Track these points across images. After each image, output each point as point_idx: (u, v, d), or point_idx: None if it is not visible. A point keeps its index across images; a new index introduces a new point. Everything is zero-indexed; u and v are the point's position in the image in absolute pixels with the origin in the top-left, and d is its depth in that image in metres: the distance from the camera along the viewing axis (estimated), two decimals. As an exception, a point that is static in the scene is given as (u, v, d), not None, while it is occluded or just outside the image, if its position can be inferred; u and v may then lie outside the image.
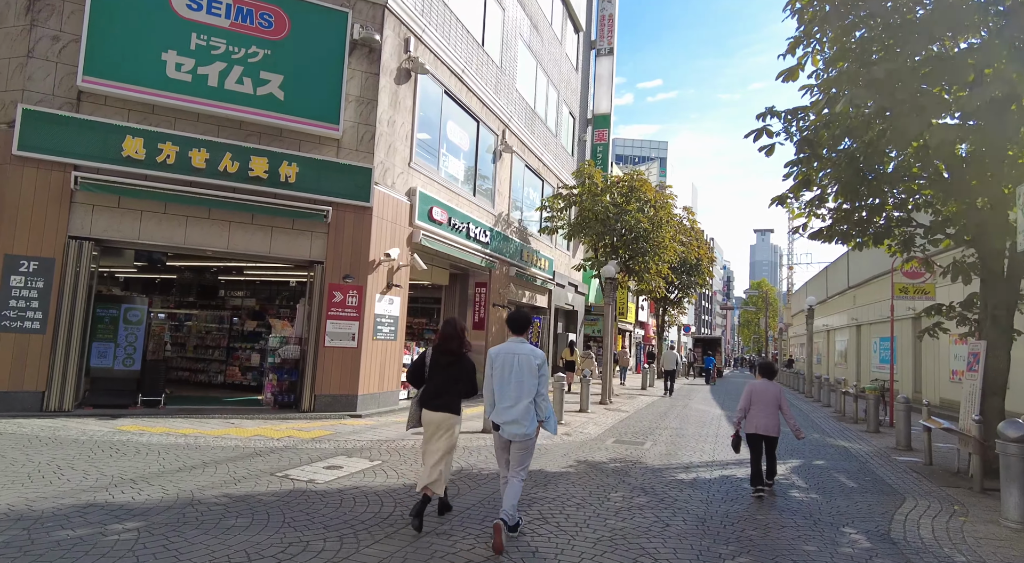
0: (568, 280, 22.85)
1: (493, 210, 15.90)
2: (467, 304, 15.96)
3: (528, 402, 4.40)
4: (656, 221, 16.79)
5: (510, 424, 4.38)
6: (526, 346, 4.60)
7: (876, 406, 12.29)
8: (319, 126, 10.28)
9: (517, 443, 4.44)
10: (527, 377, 4.42)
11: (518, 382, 4.43)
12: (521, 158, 17.94)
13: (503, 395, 4.47)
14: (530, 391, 4.41)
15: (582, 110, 24.94)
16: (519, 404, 4.39)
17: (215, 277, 15.42)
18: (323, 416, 9.87)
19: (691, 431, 11.31)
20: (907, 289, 13.59)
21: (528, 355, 4.50)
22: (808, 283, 41.88)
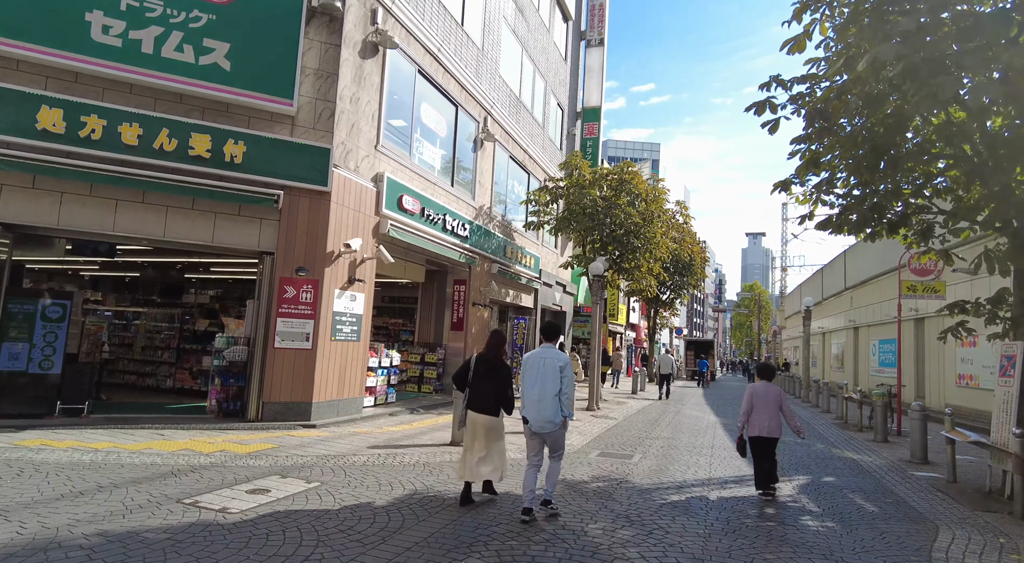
0: (556, 279, 21.82)
1: (474, 202, 14.84)
2: (445, 303, 14.89)
3: (552, 398, 5.11)
4: (647, 215, 15.79)
5: (536, 420, 5.15)
6: (553, 351, 5.33)
7: (884, 414, 11.31)
8: (271, 101, 9.19)
9: (547, 434, 5.21)
10: (551, 377, 5.15)
11: (542, 381, 5.15)
12: (505, 148, 16.90)
13: (529, 391, 5.21)
14: (553, 389, 5.12)
15: (571, 103, 23.95)
16: (543, 400, 5.12)
17: (181, 274, 14.26)
18: (271, 426, 8.76)
19: (684, 441, 10.28)
20: (915, 287, 12.65)
21: (553, 359, 5.23)
22: (803, 285, 41.07)
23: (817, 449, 10.14)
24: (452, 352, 14.54)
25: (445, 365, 14.50)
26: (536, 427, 5.16)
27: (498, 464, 5.45)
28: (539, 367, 5.22)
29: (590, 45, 24.74)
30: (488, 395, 5.40)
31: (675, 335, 58.33)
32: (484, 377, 5.46)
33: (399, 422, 10.25)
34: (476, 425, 5.39)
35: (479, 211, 15.15)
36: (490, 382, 5.42)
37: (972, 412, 15.46)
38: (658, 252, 16.29)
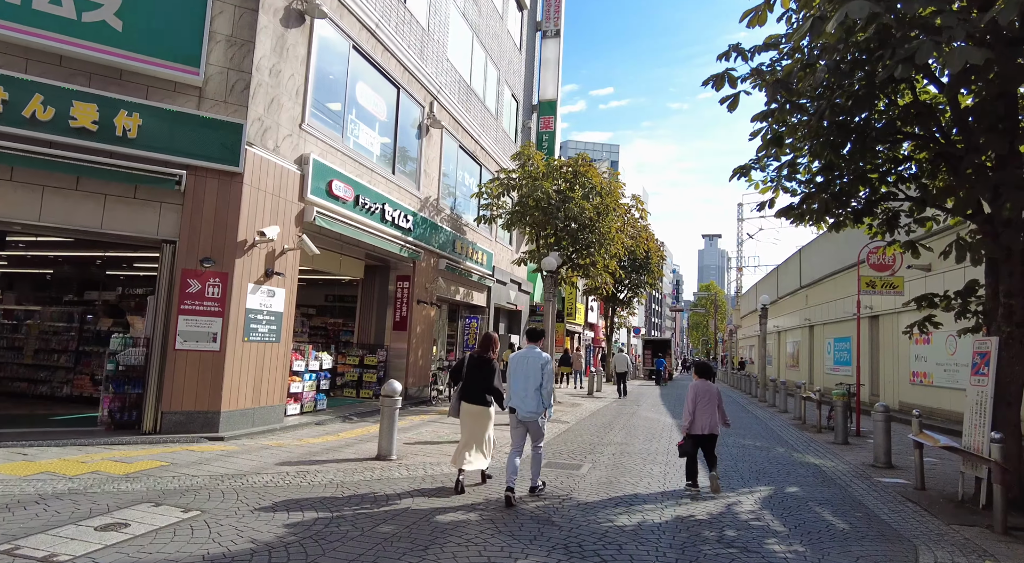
0: (511, 277, 20.99)
1: (418, 193, 13.86)
2: (387, 301, 13.84)
3: (535, 391, 5.89)
4: (602, 209, 15.11)
5: (521, 409, 5.90)
6: (536, 351, 6.11)
7: (845, 415, 10.85)
8: (173, 68, 8.04)
9: (530, 422, 5.95)
10: (533, 373, 5.92)
11: (525, 376, 5.94)
12: (454, 137, 15.96)
13: (515, 386, 5.97)
14: (535, 384, 5.90)
15: (526, 95, 23.18)
16: (527, 393, 5.90)
17: (102, 270, 12.82)
18: (169, 440, 7.61)
19: (638, 447, 9.55)
20: (875, 283, 12.28)
21: (535, 358, 6.02)
22: (758, 284, 41.40)
23: (778, 453, 9.56)
24: (395, 353, 13.52)
25: (387, 367, 13.46)
26: (522, 417, 5.95)
27: (487, 449, 6.30)
28: (524, 365, 6.00)
29: (546, 36, 24.03)
30: (478, 388, 6.14)
31: (633, 334, 58.36)
32: (475, 373, 6.18)
33: (325, 432, 9.20)
34: (468, 413, 6.19)
35: (424, 203, 14.17)
36: (480, 377, 6.13)
37: (926, 410, 15.29)
38: (613, 248, 15.63)
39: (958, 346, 13.82)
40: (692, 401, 6.64)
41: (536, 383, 5.90)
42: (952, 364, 14.02)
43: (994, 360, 6.17)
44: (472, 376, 6.17)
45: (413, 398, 13.51)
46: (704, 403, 6.64)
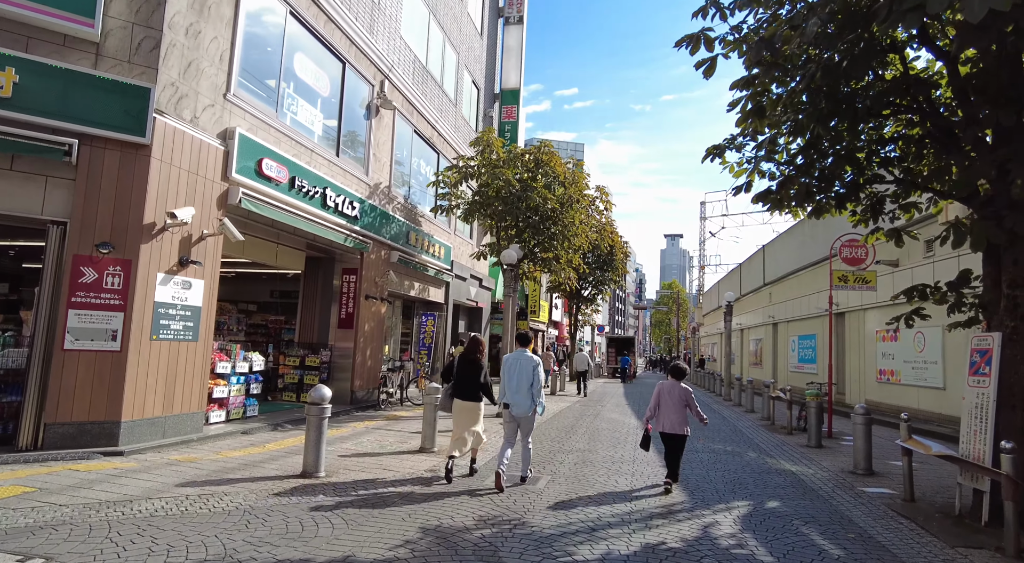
0: (471, 272, 20.03)
1: (367, 179, 12.78)
2: (332, 296, 12.73)
3: (527, 390, 6.57)
4: (565, 200, 14.31)
5: (515, 405, 6.58)
6: (526, 354, 6.82)
7: (819, 417, 10.27)
8: (60, 17, 6.82)
9: (522, 418, 6.65)
10: (525, 374, 6.60)
11: (519, 377, 6.61)
12: (408, 121, 14.91)
13: (509, 385, 6.64)
14: (528, 383, 6.58)
15: (488, 83, 22.23)
16: (520, 391, 6.58)
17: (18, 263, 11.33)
18: (52, 457, 6.42)
19: (602, 454, 8.75)
20: (847, 277, 11.77)
21: (527, 360, 6.70)
22: (721, 282, 41.43)
23: (750, 459, 8.88)
24: (340, 353, 12.42)
25: (331, 369, 12.36)
26: (515, 413, 6.57)
27: (475, 440, 6.90)
28: (517, 366, 6.62)
29: (509, 23, 23.12)
30: (468, 386, 6.80)
31: (598, 332, 58.11)
32: (465, 372, 6.85)
33: (250, 443, 8.10)
34: (461, 408, 6.81)
35: (374, 189, 13.10)
36: (470, 376, 6.82)
37: (892, 408, 14.98)
38: (577, 241, 14.85)
39: (927, 343, 13.50)
40: (656, 398, 6.86)
41: (528, 382, 6.54)
42: (920, 361, 13.69)
43: (996, 358, 5.54)
44: (463, 375, 6.84)
45: (361, 402, 12.44)
46: (669, 402, 6.76)
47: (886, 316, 15.28)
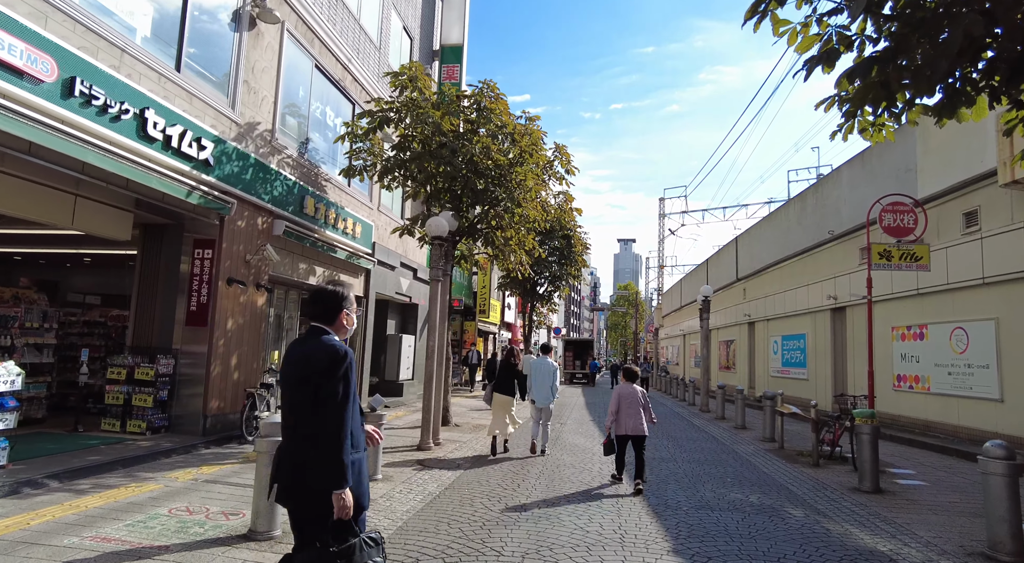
0: (402, 260, 16.36)
1: (232, 113, 9.02)
2: (177, 279, 8.89)
3: (548, 387, 8.79)
4: (515, 156, 10.89)
5: (540, 399, 8.80)
6: (547, 360, 9.09)
7: (874, 449, 7.09)
8: None
9: (543, 408, 8.84)
10: (547, 376, 8.88)
11: (542, 378, 8.86)
12: (307, 51, 11.20)
13: (535, 383, 8.87)
14: (549, 383, 8.83)
15: (425, 36, 18.64)
16: (543, 388, 8.79)
17: None
18: None
19: (566, 521, 5.31)
20: (890, 253, 8.75)
21: (549, 365, 8.99)
22: (684, 280, 38.95)
23: (798, 524, 5.60)
24: (189, 360, 8.62)
25: (175, 382, 8.54)
26: (539, 404, 8.82)
27: (509, 426, 8.76)
28: (541, 369, 8.89)
29: (451, -32, 19.58)
30: (507, 384, 8.82)
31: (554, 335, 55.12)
32: (505, 374, 8.92)
33: (-99, 539, 4.28)
34: (498, 401, 8.72)
35: (246, 131, 9.34)
36: (508, 376, 8.87)
37: (915, 423, 12.14)
38: (530, 209, 11.42)
39: (971, 341, 10.66)
40: (616, 402, 6.89)
41: (550, 382, 8.82)
42: (962, 365, 10.85)
43: None
44: (503, 375, 8.89)
45: (217, 432, 8.64)
46: (628, 405, 6.87)
47: (905, 310, 12.47)
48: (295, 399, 2.56)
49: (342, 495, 2.39)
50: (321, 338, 2.57)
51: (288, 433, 2.58)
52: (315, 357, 2.51)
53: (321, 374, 2.46)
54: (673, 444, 10.58)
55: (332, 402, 2.44)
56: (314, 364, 2.49)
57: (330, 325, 2.65)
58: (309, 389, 2.48)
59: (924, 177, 11.91)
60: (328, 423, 2.43)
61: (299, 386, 2.53)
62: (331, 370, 2.46)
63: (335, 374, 2.46)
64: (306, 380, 2.50)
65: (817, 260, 16.97)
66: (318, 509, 2.45)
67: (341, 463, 2.40)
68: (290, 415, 2.57)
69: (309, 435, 2.46)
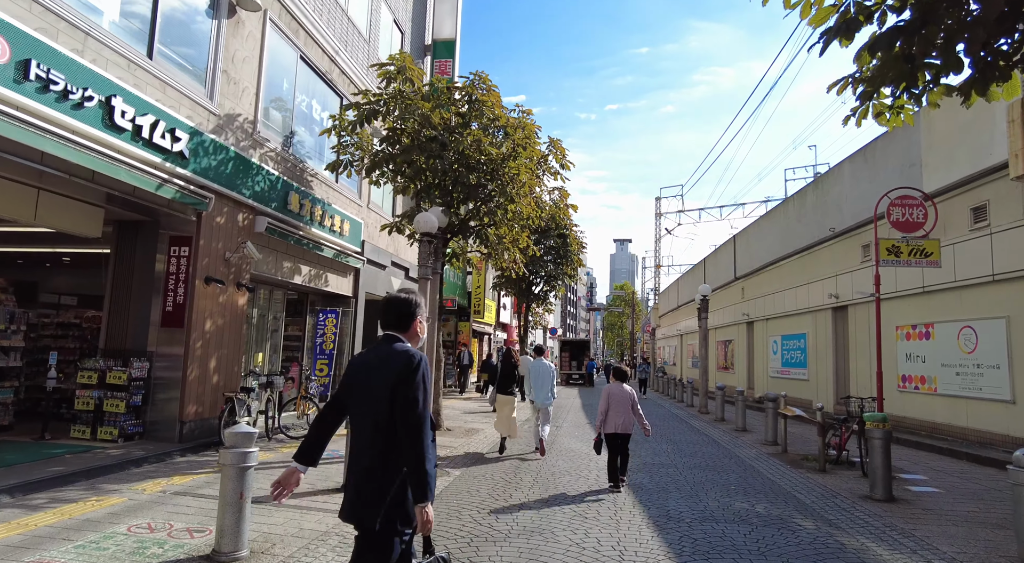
0: (393, 259, 15.95)
1: (211, 105, 8.60)
2: (152, 278, 8.46)
3: (548, 389, 9.04)
4: (509, 150, 10.50)
5: (539, 399, 9.02)
6: (546, 363, 9.23)
7: (886, 455, 6.72)
8: None
9: (544, 408, 8.99)
10: (546, 378, 9.11)
11: (542, 379, 9.09)
12: (292, 43, 10.78)
13: (535, 384, 9.10)
14: (548, 384, 9.07)
15: (417, 30, 18.24)
16: (543, 390, 9.02)
17: None
18: None
19: (561, 541, 4.92)
20: (899, 249, 8.38)
21: (547, 367, 9.20)
22: (680, 279, 38.64)
23: (809, 537, 5.22)
24: (165, 363, 8.19)
25: (150, 387, 8.12)
26: (539, 405, 9.00)
27: (514, 424, 9.12)
28: (540, 371, 9.11)
29: (443, -40, 19.17)
30: (507, 384, 9.24)
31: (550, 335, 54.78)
32: (506, 375, 9.36)
33: None
34: (502, 400, 9.12)
35: (226, 123, 8.92)
36: (508, 377, 9.34)
37: (921, 425, 11.79)
38: (524, 205, 11.03)
39: (979, 340, 10.30)
40: (605, 401, 7.04)
41: (549, 384, 9.08)
42: (971, 365, 10.49)
43: None
44: (504, 376, 9.36)
45: (195, 438, 8.22)
46: (617, 404, 7.00)
47: (910, 308, 12.12)
48: (372, 409, 2.43)
49: (425, 508, 2.29)
50: (394, 345, 2.49)
51: (361, 445, 2.46)
52: (393, 364, 2.42)
53: (403, 381, 2.37)
54: (673, 448, 10.20)
55: (414, 410, 2.35)
56: (394, 371, 2.39)
57: (404, 333, 2.58)
58: (387, 397, 2.39)
59: (929, 172, 11.56)
60: (410, 432, 2.33)
61: (376, 395, 2.42)
62: (411, 377, 2.38)
63: (415, 381, 2.38)
64: (385, 388, 2.39)
65: (818, 258, 16.62)
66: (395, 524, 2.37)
67: (426, 473, 2.30)
68: (365, 425, 2.46)
69: (388, 447, 2.39)
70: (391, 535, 2.34)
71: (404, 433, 2.33)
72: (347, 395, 2.55)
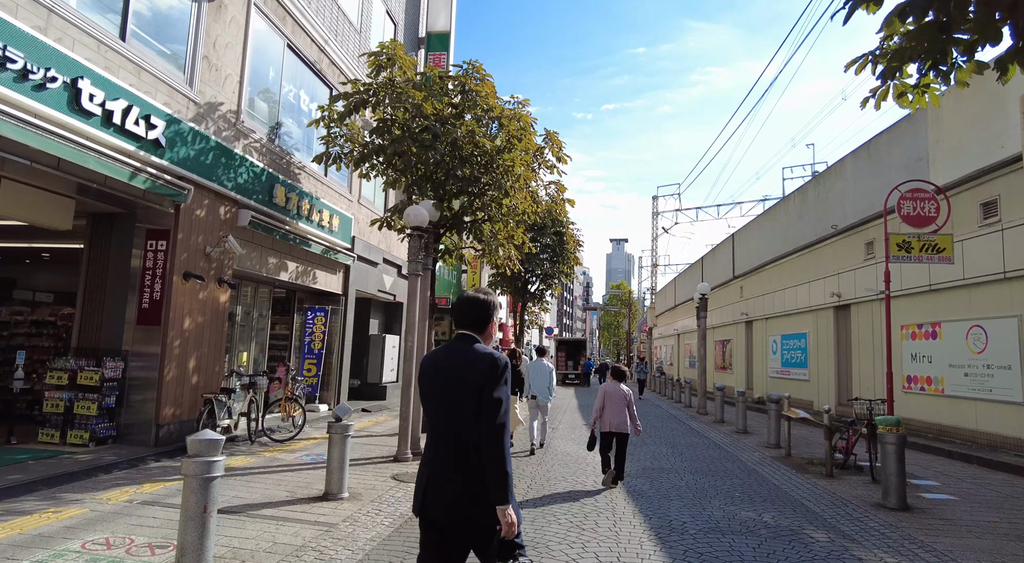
0: (384, 255, 15.55)
1: (190, 91, 8.18)
2: (128, 274, 8.04)
3: (547, 386, 9.56)
4: (503, 142, 10.11)
5: (539, 397, 9.52)
6: (544, 362, 9.80)
7: (900, 460, 6.36)
8: None
9: (543, 405, 9.59)
10: (546, 376, 9.62)
11: (541, 377, 9.60)
12: (278, 30, 10.37)
13: (534, 383, 9.61)
14: (547, 382, 9.60)
15: (410, 23, 17.83)
16: (542, 387, 9.53)
17: None
18: None
19: (556, 557, 4.55)
20: (910, 244, 8.03)
21: (546, 366, 9.71)
22: (678, 278, 38.35)
23: (823, 551, 4.85)
24: (140, 363, 7.78)
25: (125, 388, 7.70)
26: (539, 402, 9.52)
27: (517, 417, 9.00)
28: (540, 370, 9.64)
29: (437, -49, 18.77)
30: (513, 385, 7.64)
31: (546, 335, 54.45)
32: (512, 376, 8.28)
33: None
34: None
35: (207, 111, 8.51)
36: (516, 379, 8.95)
37: (928, 427, 11.45)
38: (519, 200, 10.65)
39: (990, 340, 9.97)
40: (601, 400, 7.06)
41: (548, 382, 9.53)
42: (980, 366, 10.15)
43: None
44: None
45: (173, 441, 7.81)
46: (612, 403, 7.00)
47: (916, 307, 11.79)
48: (456, 410, 2.42)
49: (507, 510, 2.29)
50: (475, 346, 2.50)
51: (444, 447, 2.44)
52: (479, 366, 2.42)
53: (489, 383, 2.36)
54: (673, 451, 9.83)
55: (498, 411, 2.34)
56: (480, 373, 2.39)
57: (480, 333, 2.58)
58: (473, 398, 2.37)
59: (936, 166, 11.22)
60: (492, 432, 2.32)
61: (460, 396, 2.41)
62: (497, 377, 2.38)
63: (500, 381, 2.38)
64: (472, 389, 2.38)
65: (819, 256, 16.29)
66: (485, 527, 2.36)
67: (507, 475, 2.30)
68: (447, 427, 2.44)
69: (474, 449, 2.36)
70: (491, 535, 2.34)
71: (487, 434, 2.31)
72: (427, 399, 2.53)
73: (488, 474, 2.30)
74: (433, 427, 2.50)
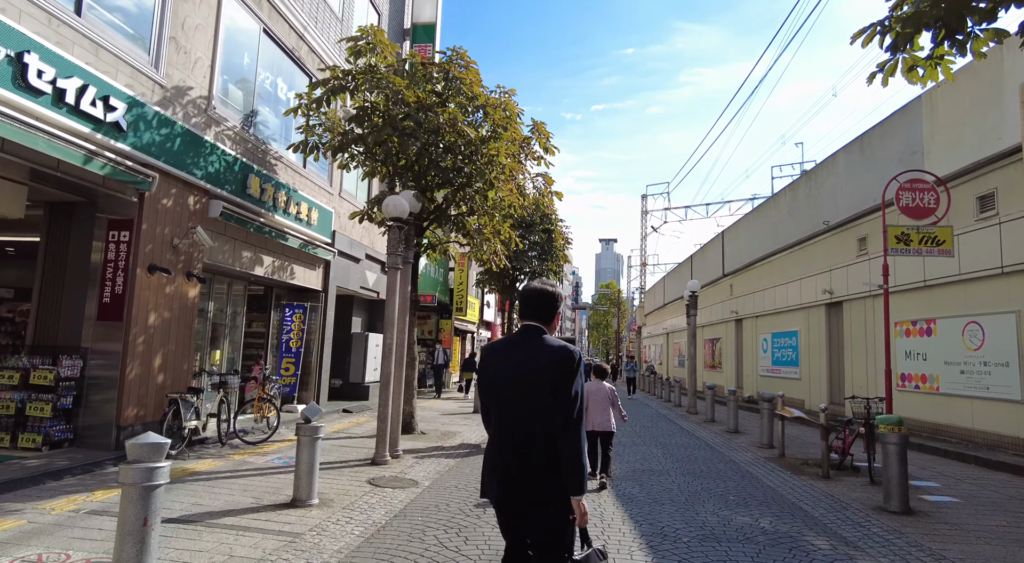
0: (367, 251, 15.12)
1: (156, 74, 7.72)
2: (88, 266, 7.56)
3: None
4: (489, 130, 9.73)
5: None
6: None
7: (902, 462, 6.06)
8: None
9: None
10: None
11: None
12: (253, 14, 9.92)
13: None
14: None
15: (395, 13, 17.39)
16: None
17: None
18: None
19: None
20: (909, 237, 7.74)
21: None
22: (667, 277, 38.15)
23: (824, 558, 4.52)
24: (101, 361, 7.31)
25: (83, 388, 7.23)
26: None
27: None
28: None
29: (423, -60, 18.35)
30: None
31: (534, 335, 53.99)
32: None
33: None
34: None
35: (174, 96, 8.04)
36: None
37: (923, 426, 11.21)
38: (504, 193, 10.27)
39: (987, 337, 9.73)
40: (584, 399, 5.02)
41: None
42: (977, 363, 9.92)
43: None
44: None
45: (134, 445, 7.32)
46: (595, 401, 6.85)
47: (910, 303, 11.55)
48: (531, 403, 2.40)
49: (582, 501, 2.31)
50: (544, 338, 2.49)
51: (519, 440, 2.41)
52: (553, 358, 2.39)
53: (565, 376, 2.36)
54: (663, 452, 9.50)
55: (574, 404, 2.34)
56: (555, 365, 2.37)
57: (547, 325, 2.57)
58: (548, 391, 2.36)
59: (932, 159, 10.98)
60: (569, 425, 2.32)
61: (534, 388, 2.39)
62: (573, 371, 2.36)
63: (576, 374, 2.37)
64: (546, 381, 2.37)
65: (810, 253, 16.06)
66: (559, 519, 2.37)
67: (583, 466, 2.33)
68: (521, 420, 2.42)
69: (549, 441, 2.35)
70: (567, 528, 2.35)
71: (563, 426, 2.31)
72: (494, 391, 2.50)
73: (564, 465, 2.29)
74: (499, 418, 2.47)
